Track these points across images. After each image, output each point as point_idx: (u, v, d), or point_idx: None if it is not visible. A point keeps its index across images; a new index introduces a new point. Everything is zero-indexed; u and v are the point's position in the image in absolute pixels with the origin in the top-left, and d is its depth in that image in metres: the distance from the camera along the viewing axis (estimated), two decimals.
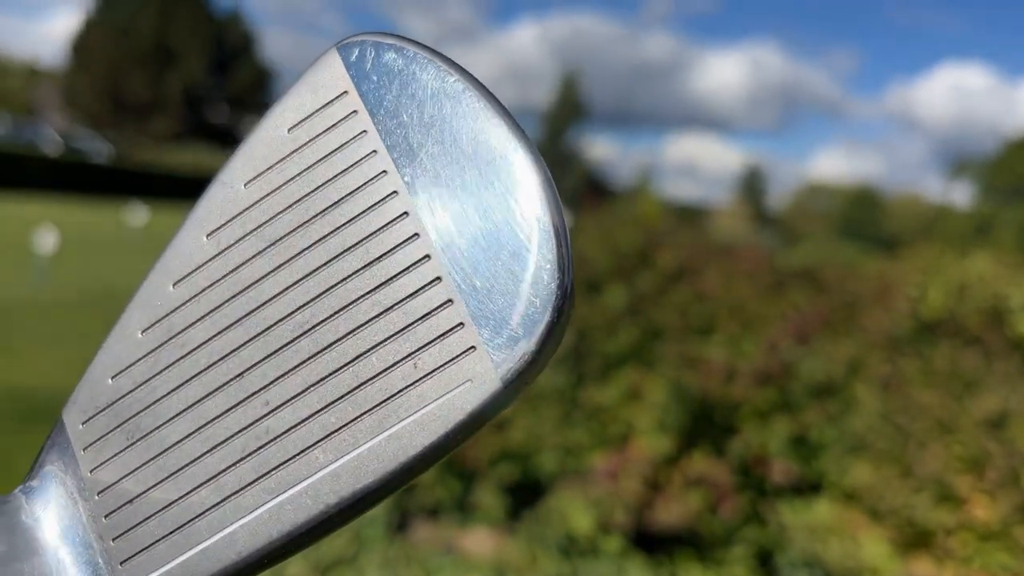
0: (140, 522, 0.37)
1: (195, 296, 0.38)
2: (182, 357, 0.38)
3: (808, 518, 3.09)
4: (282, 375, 0.36)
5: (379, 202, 0.37)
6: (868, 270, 5.59)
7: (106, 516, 0.37)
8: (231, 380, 0.37)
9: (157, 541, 0.37)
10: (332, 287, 0.37)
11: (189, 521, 0.36)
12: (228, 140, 51.69)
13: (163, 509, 0.37)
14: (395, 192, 0.37)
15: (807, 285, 4.57)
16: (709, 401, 3.35)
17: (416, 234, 0.36)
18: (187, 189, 33.68)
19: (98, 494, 0.38)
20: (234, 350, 0.37)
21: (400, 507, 3.19)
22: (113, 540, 0.37)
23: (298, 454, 0.36)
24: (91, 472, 0.38)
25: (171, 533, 0.36)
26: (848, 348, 3.82)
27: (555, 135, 44.79)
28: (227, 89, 51.41)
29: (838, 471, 3.26)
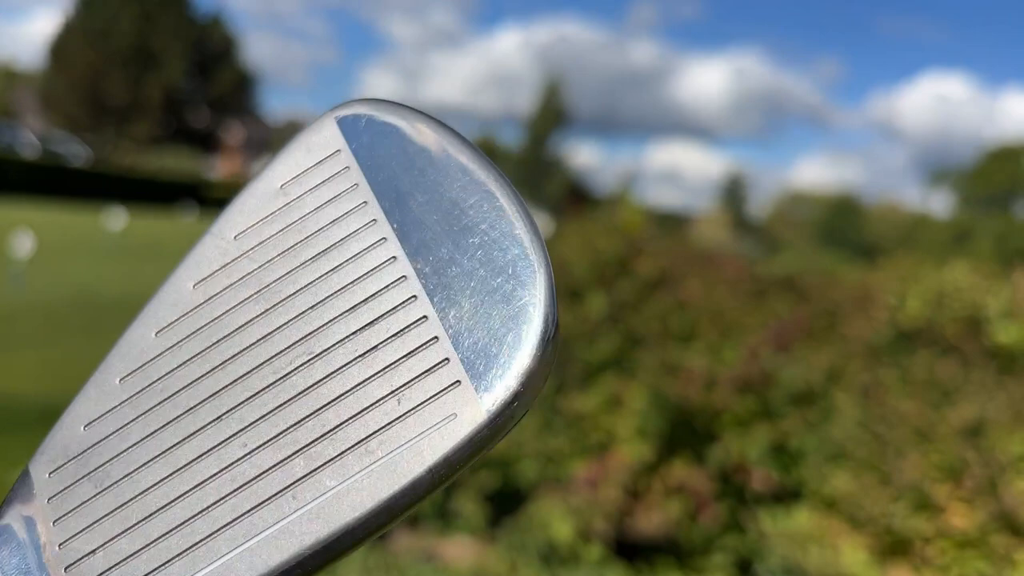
0: (103, 574, 0.36)
1: (178, 343, 0.39)
2: (160, 403, 0.38)
3: (788, 526, 3.10)
4: (263, 416, 0.36)
5: (368, 248, 0.38)
6: (848, 278, 5.63)
7: (67, 569, 0.36)
8: (209, 424, 0.37)
9: None
10: (317, 329, 0.37)
11: (156, 569, 0.35)
12: (209, 144, 51.44)
13: (128, 558, 0.36)
14: (383, 239, 0.38)
15: (788, 293, 4.59)
16: (689, 409, 3.36)
17: (404, 276, 0.37)
18: (166, 193, 33.54)
19: (60, 546, 0.36)
20: (213, 394, 0.37)
21: None
22: None
23: (277, 494, 0.35)
24: (54, 523, 0.37)
25: None
26: (828, 356, 3.84)
27: (538, 141, 44.91)
28: (208, 93, 51.13)
29: (817, 479, 3.27)
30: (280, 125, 56.51)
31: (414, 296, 0.36)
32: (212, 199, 35.01)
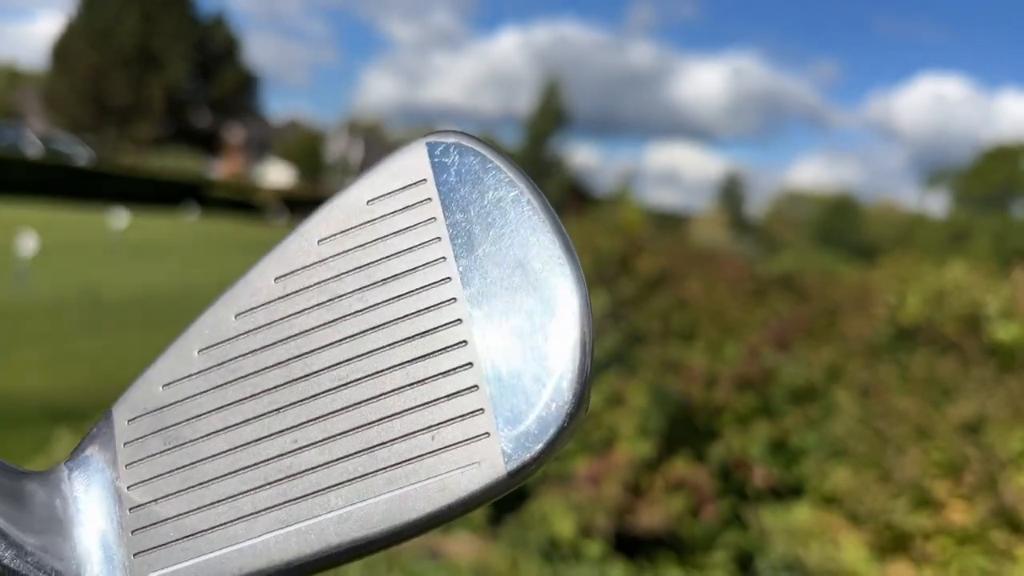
0: (158, 522, 0.40)
1: (253, 330, 0.42)
2: (230, 382, 0.41)
3: (788, 522, 3.11)
4: (315, 419, 0.40)
5: (433, 283, 0.40)
6: (847, 278, 5.64)
7: (131, 510, 0.41)
8: (268, 413, 0.40)
9: (170, 543, 0.40)
10: (375, 350, 0.40)
11: (203, 532, 0.39)
12: (210, 144, 51.41)
13: (181, 515, 0.40)
14: (448, 278, 0.40)
15: (787, 292, 4.60)
16: (690, 406, 3.37)
17: (459, 319, 0.39)
18: (169, 193, 33.51)
19: (128, 488, 0.41)
20: (277, 386, 0.41)
21: None
22: (132, 533, 0.40)
23: (314, 492, 0.39)
24: (126, 467, 0.42)
25: (184, 538, 0.40)
26: (828, 354, 3.85)
27: (537, 142, 44.88)
28: (210, 94, 51.09)
29: (818, 475, 3.28)
30: (281, 126, 56.48)
31: (464, 341, 0.39)
32: (214, 199, 35.01)
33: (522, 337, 0.38)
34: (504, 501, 3.20)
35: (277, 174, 49.73)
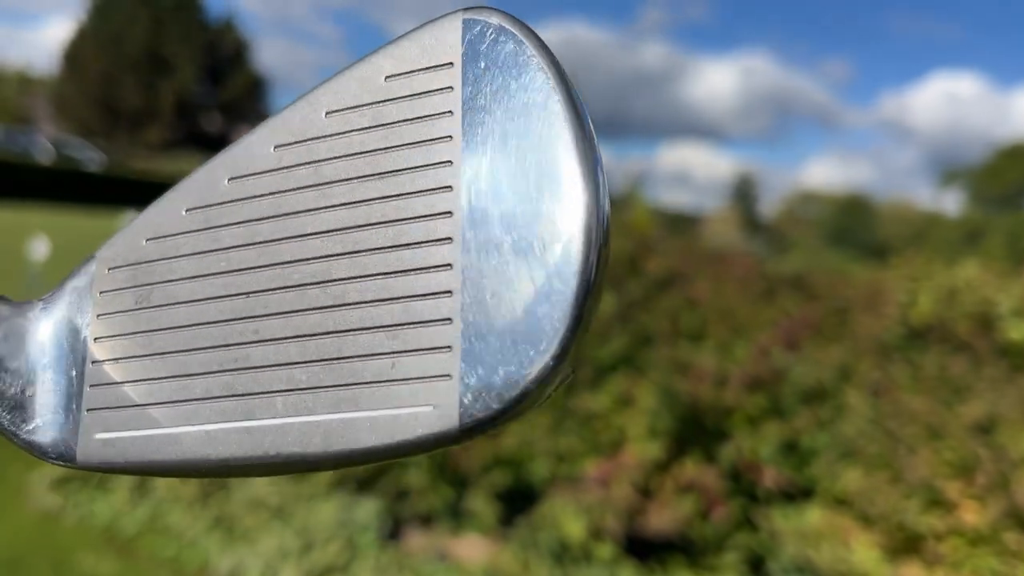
0: (113, 383, 0.39)
1: (242, 199, 0.39)
2: (210, 250, 0.39)
3: (799, 524, 3.10)
4: (280, 313, 0.37)
5: (433, 190, 0.35)
6: (858, 277, 5.62)
7: (93, 363, 0.40)
8: (237, 295, 0.38)
9: (120, 407, 0.39)
10: (355, 252, 0.36)
11: (152, 404, 0.38)
12: (221, 148, 51.61)
13: (136, 382, 0.39)
14: (450, 187, 0.35)
15: (797, 291, 4.59)
16: (700, 407, 3.36)
17: (450, 238, 0.34)
18: None
19: (94, 340, 0.40)
20: (251, 268, 0.38)
21: (393, 514, 3.19)
22: (90, 387, 0.40)
23: (262, 392, 0.36)
24: (98, 317, 0.41)
25: (134, 406, 0.38)
26: (838, 354, 3.83)
27: None
28: (220, 97, 51.26)
29: (829, 477, 3.27)
30: None
31: (450, 265, 0.34)
32: None
33: (512, 281, 0.33)
34: (514, 503, 3.20)
35: None
